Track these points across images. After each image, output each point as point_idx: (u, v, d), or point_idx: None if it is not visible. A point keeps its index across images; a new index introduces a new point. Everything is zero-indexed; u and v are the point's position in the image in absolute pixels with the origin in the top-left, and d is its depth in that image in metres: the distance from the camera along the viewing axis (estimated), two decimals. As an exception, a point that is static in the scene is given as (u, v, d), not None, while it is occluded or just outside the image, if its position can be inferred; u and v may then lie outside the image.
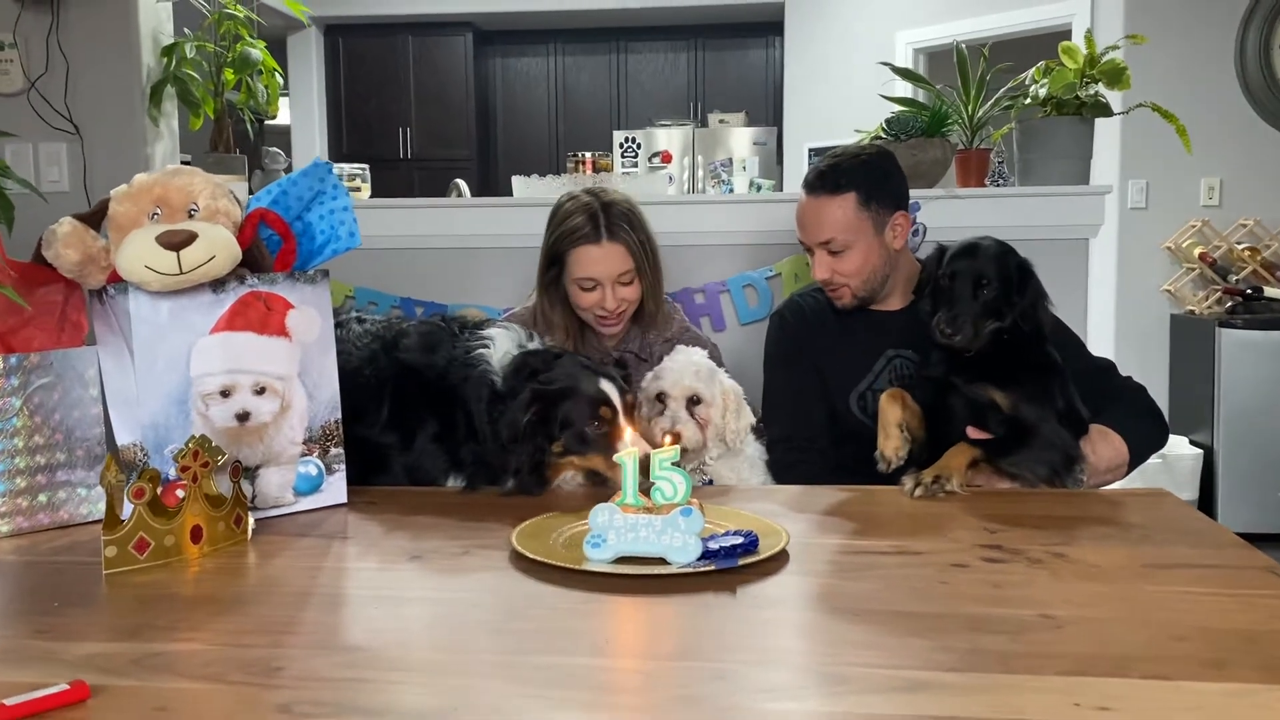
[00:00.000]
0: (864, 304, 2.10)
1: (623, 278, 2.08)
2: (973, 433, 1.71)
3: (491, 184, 7.96)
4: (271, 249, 1.55)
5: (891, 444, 1.71)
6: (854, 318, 2.11)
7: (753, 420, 1.94)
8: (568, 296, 2.14)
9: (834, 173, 2.03)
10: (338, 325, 1.67)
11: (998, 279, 1.75)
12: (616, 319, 2.12)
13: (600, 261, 2.06)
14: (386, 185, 7.08)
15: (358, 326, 1.77)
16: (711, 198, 4.11)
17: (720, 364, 1.99)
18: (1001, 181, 3.56)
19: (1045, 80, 2.59)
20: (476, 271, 2.78)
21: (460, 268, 2.78)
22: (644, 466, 1.26)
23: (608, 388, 1.63)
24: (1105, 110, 2.59)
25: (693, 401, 1.83)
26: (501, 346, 1.69)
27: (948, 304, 1.75)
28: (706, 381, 1.85)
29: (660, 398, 1.84)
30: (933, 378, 1.80)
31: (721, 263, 2.75)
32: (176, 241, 1.38)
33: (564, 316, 2.16)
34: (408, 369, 1.70)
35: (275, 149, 3.19)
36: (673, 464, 1.27)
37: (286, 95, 7.69)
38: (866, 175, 2.03)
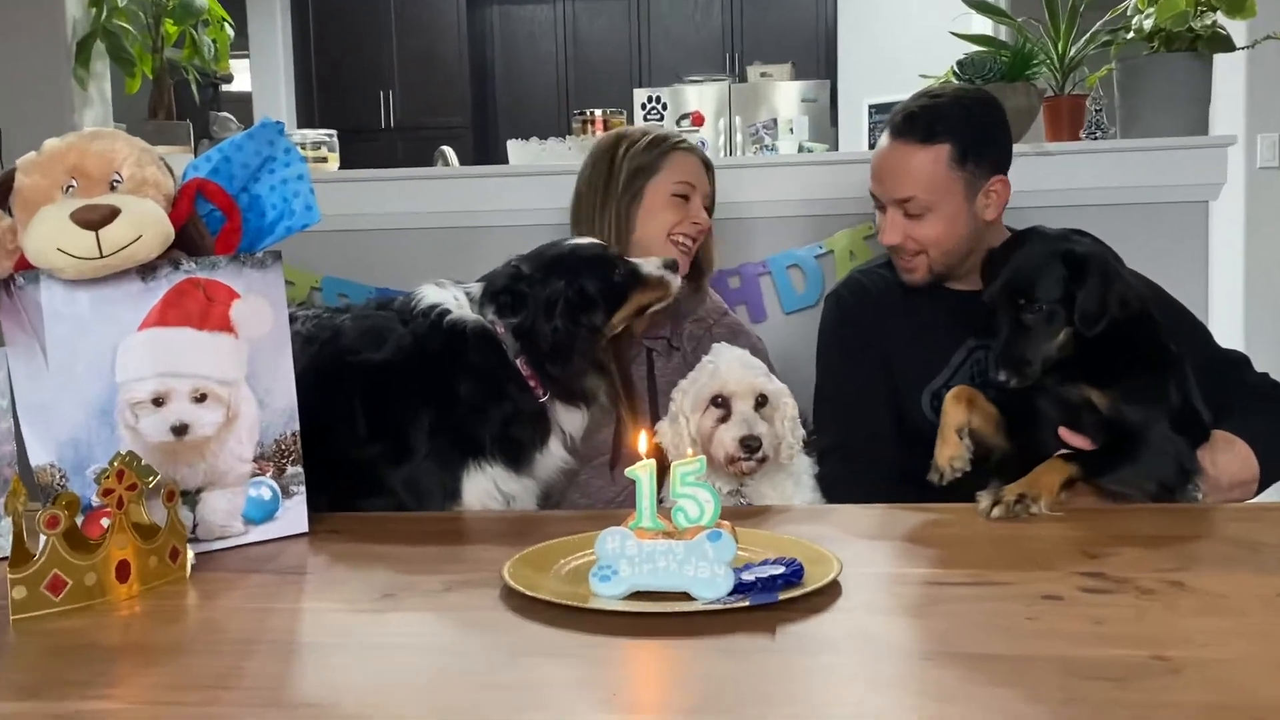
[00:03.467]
0: (939, 281, 2.05)
1: (707, 198, 2.22)
2: (1065, 435, 1.67)
3: (489, 155, 7.96)
4: (212, 227, 1.53)
5: (947, 452, 1.68)
6: (929, 299, 2.06)
7: (804, 434, 1.87)
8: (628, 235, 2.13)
9: (928, 115, 1.97)
10: None
11: (1041, 291, 1.69)
12: (692, 244, 2.17)
13: (701, 172, 2.21)
14: (366, 158, 7.08)
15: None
16: (746, 161, 4.06)
17: (768, 362, 1.92)
18: (1100, 134, 3.51)
19: (1151, 10, 2.54)
20: (466, 254, 2.75)
21: (447, 249, 2.76)
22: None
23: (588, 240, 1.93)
24: (1226, 44, 2.54)
25: (759, 403, 1.75)
26: (447, 299, 1.81)
27: (995, 340, 1.73)
28: (768, 379, 1.78)
29: (720, 401, 1.75)
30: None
31: (761, 239, 2.72)
32: (95, 219, 1.36)
33: None
34: (374, 369, 1.71)
35: (226, 114, 3.19)
36: (696, 478, 1.25)
37: (246, 57, 7.72)
38: (969, 125, 1.97)
